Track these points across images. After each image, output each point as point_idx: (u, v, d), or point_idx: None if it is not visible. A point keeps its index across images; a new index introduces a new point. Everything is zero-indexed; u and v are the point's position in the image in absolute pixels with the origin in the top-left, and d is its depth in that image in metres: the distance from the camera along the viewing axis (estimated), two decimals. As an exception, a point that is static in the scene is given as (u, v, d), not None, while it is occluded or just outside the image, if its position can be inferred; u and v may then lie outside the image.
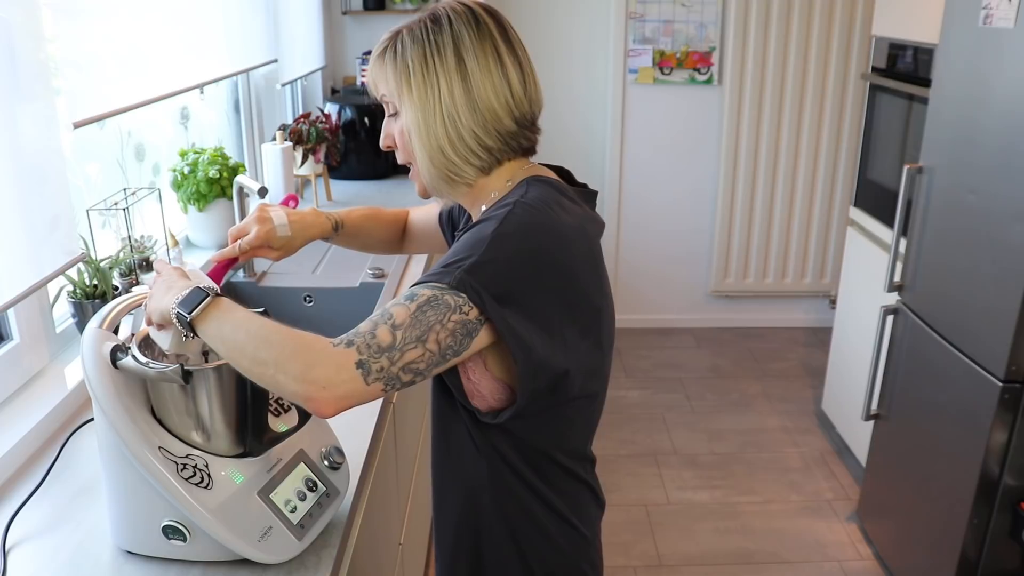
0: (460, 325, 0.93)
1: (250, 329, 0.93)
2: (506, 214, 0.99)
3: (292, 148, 2.56)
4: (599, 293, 1.07)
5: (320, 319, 2.05)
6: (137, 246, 1.73)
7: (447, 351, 0.94)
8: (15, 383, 1.44)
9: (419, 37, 1.04)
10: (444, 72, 1.02)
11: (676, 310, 4.25)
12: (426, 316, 0.92)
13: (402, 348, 0.91)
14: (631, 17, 3.77)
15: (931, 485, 2.25)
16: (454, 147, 1.04)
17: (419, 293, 0.94)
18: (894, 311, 2.46)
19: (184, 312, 0.95)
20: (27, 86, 1.32)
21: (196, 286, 0.97)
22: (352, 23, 3.55)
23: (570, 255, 1.01)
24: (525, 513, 1.10)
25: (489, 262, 0.95)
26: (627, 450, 3.19)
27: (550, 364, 0.99)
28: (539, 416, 1.05)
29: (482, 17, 1.06)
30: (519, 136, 1.08)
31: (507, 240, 0.97)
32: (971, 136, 2.07)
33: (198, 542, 1.04)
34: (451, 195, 1.12)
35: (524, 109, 1.07)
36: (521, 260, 0.97)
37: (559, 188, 1.08)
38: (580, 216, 1.07)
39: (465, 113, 1.03)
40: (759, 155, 3.95)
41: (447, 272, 0.95)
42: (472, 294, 0.93)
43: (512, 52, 1.06)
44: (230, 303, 0.97)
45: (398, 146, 1.10)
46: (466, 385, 1.05)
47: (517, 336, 0.95)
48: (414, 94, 1.03)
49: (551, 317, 0.99)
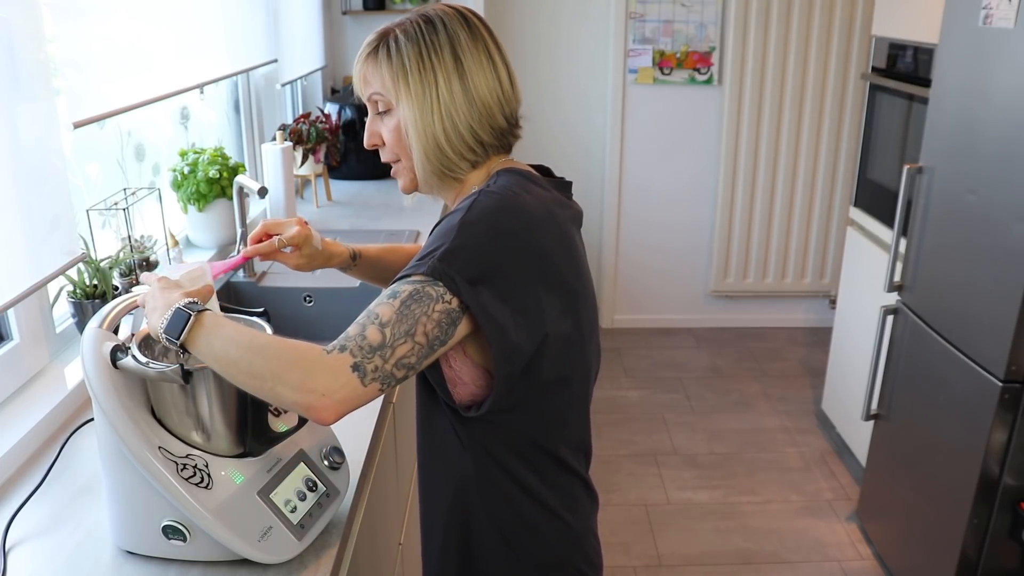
0: (444, 314, 0.96)
1: (241, 343, 0.94)
2: (472, 202, 1.02)
3: (292, 148, 2.56)
4: (575, 275, 1.09)
5: (320, 319, 2.05)
6: (137, 246, 1.73)
7: (435, 341, 0.96)
8: (15, 383, 1.44)
9: (414, 36, 1.06)
10: (442, 69, 1.05)
11: (676, 310, 4.25)
12: (411, 310, 0.94)
13: (392, 344, 0.93)
14: (631, 17, 3.77)
15: (931, 485, 2.25)
16: (450, 142, 1.07)
17: (400, 289, 0.96)
18: (894, 311, 2.46)
19: (172, 338, 0.96)
20: (27, 86, 1.32)
21: (178, 306, 0.96)
22: (352, 23, 3.55)
23: (539, 235, 1.04)
24: (512, 507, 1.11)
25: (459, 248, 0.97)
26: (627, 450, 3.19)
27: (525, 346, 1.01)
28: (518, 406, 1.06)
29: (472, 20, 1.10)
30: (508, 133, 1.12)
31: (475, 225, 0.99)
32: (971, 136, 2.07)
33: (198, 542, 1.04)
34: (440, 190, 1.14)
35: (512, 106, 1.12)
36: (490, 243, 0.99)
37: (527, 176, 1.10)
38: (548, 200, 1.10)
39: (463, 109, 1.06)
40: (759, 155, 3.95)
41: (422, 263, 0.97)
42: (448, 282, 0.96)
43: (499, 53, 1.11)
44: (215, 318, 0.97)
45: (386, 143, 1.12)
46: (447, 373, 1.06)
47: (491, 318, 0.97)
48: (411, 91, 1.06)
49: (526, 297, 1.01)
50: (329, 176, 2.93)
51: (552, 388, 1.08)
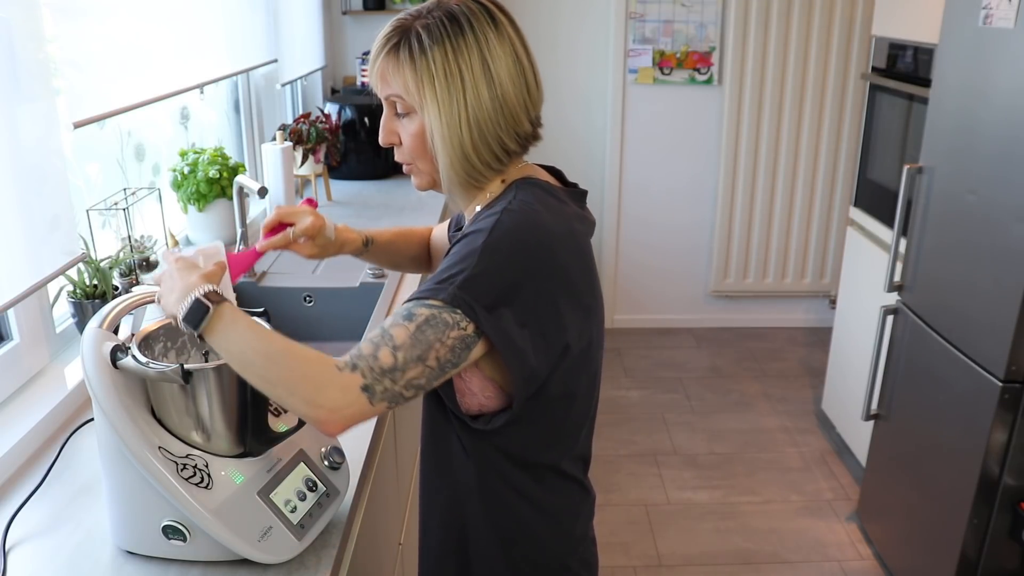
0: (459, 340, 0.95)
1: (257, 347, 0.93)
2: (494, 223, 0.98)
3: (292, 148, 2.56)
4: (590, 294, 1.07)
5: (320, 319, 2.05)
6: (137, 246, 1.73)
7: (446, 365, 0.95)
8: (15, 383, 1.44)
9: (439, 36, 0.99)
10: (471, 76, 0.99)
11: (676, 310, 4.25)
12: (425, 335, 0.93)
13: (404, 368, 0.93)
14: (631, 17, 3.77)
15: (931, 485, 2.25)
16: (478, 152, 1.02)
17: (416, 312, 0.94)
18: (894, 311, 2.46)
19: (191, 327, 0.95)
20: (27, 86, 1.32)
21: (197, 296, 0.94)
22: (352, 23, 3.55)
23: (559, 255, 1.01)
24: (512, 513, 1.11)
25: (481, 274, 0.95)
26: (627, 450, 3.19)
27: (542, 368, 1.00)
28: (524, 419, 1.05)
29: (498, 16, 1.03)
30: (531, 137, 1.08)
31: (496, 250, 0.97)
32: (971, 136, 2.07)
33: (198, 542, 1.04)
34: (463, 197, 1.10)
35: (537, 109, 1.07)
36: (512, 268, 0.97)
37: (547, 189, 1.07)
38: (568, 216, 1.06)
39: (491, 117, 1.01)
40: (759, 155, 3.95)
41: (441, 288, 0.95)
42: (467, 309, 0.94)
43: (526, 51, 1.05)
44: (232, 313, 0.95)
45: (405, 145, 1.07)
46: (457, 383, 1.05)
47: (511, 344, 0.96)
48: (438, 97, 1.00)
49: (545, 319, 0.99)
50: (329, 176, 2.93)
51: (558, 403, 1.07)
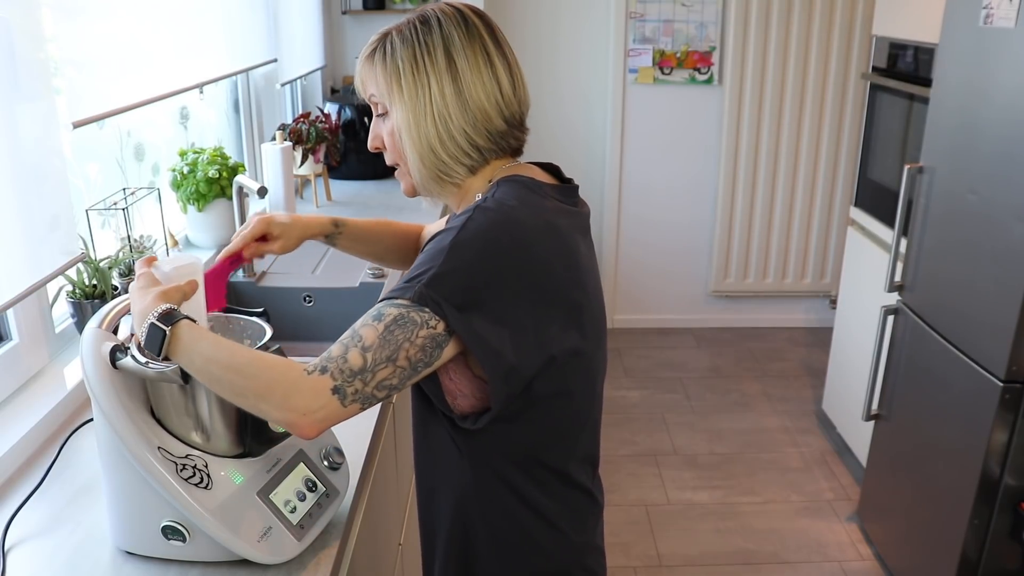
0: (429, 340, 0.94)
1: (221, 361, 0.94)
2: (465, 221, 0.99)
3: (292, 148, 2.56)
4: (578, 288, 1.05)
5: (320, 319, 2.04)
6: (137, 246, 1.73)
7: (418, 364, 0.95)
8: (15, 383, 1.44)
9: (408, 38, 1.05)
10: (435, 72, 1.03)
11: (676, 310, 4.25)
12: (394, 336, 0.93)
13: (373, 369, 0.93)
14: (631, 17, 3.77)
15: (931, 485, 2.25)
16: (444, 147, 1.05)
17: (385, 312, 0.94)
18: (894, 311, 2.46)
19: (152, 353, 0.95)
20: (27, 86, 1.32)
21: (152, 321, 0.95)
22: (352, 23, 3.55)
23: (536, 250, 1.00)
24: (511, 518, 1.09)
25: (449, 272, 0.95)
26: (627, 450, 3.19)
27: (523, 366, 0.99)
28: (518, 418, 1.04)
29: (471, 19, 1.07)
30: (508, 136, 1.09)
31: (465, 247, 0.96)
32: (972, 136, 2.07)
33: (198, 542, 1.04)
34: (440, 195, 1.12)
35: (513, 109, 1.08)
36: (481, 265, 0.96)
37: (529, 185, 1.06)
38: (549, 210, 1.05)
39: (456, 113, 1.04)
40: (759, 155, 3.95)
41: (409, 287, 0.95)
42: (435, 308, 0.94)
43: (501, 53, 1.07)
44: (190, 331, 0.95)
45: (387, 147, 1.11)
46: (447, 385, 1.04)
47: (484, 344, 0.95)
48: (404, 94, 1.04)
49: (522, 316, 0.98)
50: (329, 176, 2.93)
51: (552, 402, 1.06)
